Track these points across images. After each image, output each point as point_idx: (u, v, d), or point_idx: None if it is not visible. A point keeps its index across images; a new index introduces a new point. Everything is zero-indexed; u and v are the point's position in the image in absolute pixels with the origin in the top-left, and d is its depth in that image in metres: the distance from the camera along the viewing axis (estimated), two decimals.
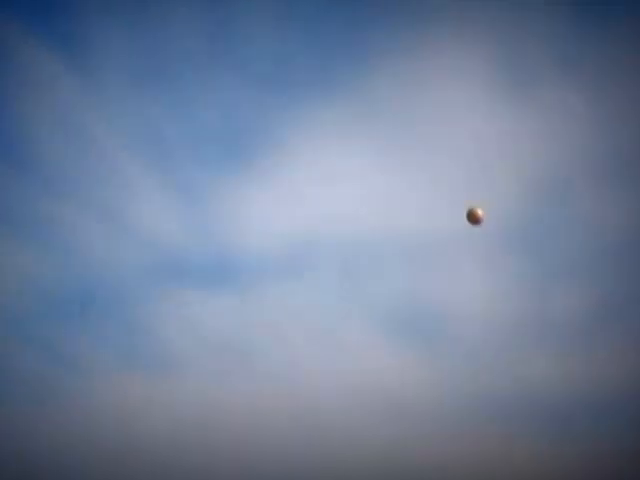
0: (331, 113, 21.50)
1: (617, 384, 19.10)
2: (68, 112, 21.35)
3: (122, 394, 19.59)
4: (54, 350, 19.79)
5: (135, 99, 21.70)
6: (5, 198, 20.70)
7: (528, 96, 21.61)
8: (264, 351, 20.19)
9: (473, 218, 15.77)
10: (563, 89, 21.55)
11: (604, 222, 20.86)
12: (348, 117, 21.62)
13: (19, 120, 21.13)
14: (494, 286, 20.60)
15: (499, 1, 21.43)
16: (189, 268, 21.07)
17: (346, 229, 21.06)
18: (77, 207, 21.07)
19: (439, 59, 21.52)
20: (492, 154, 21.43)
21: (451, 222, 19.30)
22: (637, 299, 20.15)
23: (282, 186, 21.58)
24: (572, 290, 20.40)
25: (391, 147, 21.75)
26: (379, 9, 21.62)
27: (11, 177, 20.92)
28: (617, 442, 18.64)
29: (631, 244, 20.48)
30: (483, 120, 21.45)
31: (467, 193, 19.97)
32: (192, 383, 19.76)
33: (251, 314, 20.57)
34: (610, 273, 20.39)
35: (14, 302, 20.05)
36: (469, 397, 19.35)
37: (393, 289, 20.81)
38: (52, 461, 18.53)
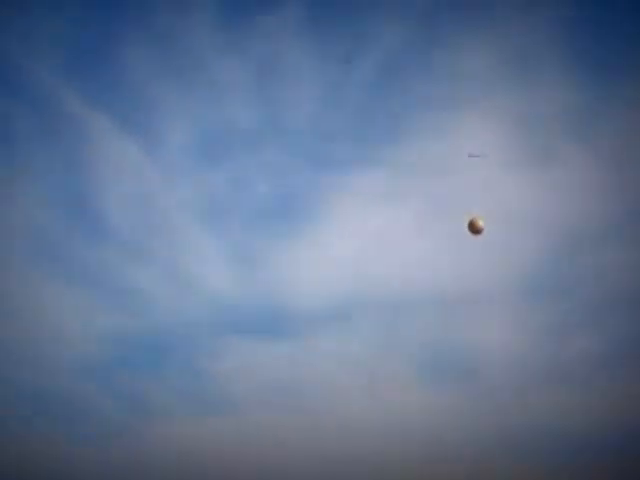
0: (373, 185, 23.17)
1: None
2: (138, 184, 23.48)
3: (187, 433, 20.79)
4: (126, 394, 21.22)
5: (199, 173, 23.62)
6: (90, 263, 22.56)
7: (546, 166, 23.16)
8: (313, 392, 21.38)
9: (474, 228, 17.15)
10: (580, 160, 23.18)
11: (618, 273, 22.02)
12: (388, 189, 23.22)
13: (99, 194, 23.35)
14: (520, 332, 21.62)
15: (519, 86, 23.50)
16: (246, 321, 22.25)
17: (386, 285, 22.23)
18: (150, 269, 22.77)
19: (466, 139, 22.14)
20: (518, 216, 22.48)
21: (481, 277, 21.77)
22: None
23: (329, 249, 22.94)
24: (591, 333, 21.44)
25: (426, 215, 23.20)
26: (410, 100, 23.73)
27: (94, 244, 22.91)
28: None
29: None
30: (509, 188, 22.49)
31: (496, 252, 21.74)
32: (248, 422, 20.96)
33: (301, 360, 21.71)
34: (626, 318, 21.32)
35: (95, 351, 21.66)
36: (498, 432, 20.26)
37: (429, 337, 21.84)
38: None
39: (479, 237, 17.44)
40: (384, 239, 22.97)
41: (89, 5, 23.66)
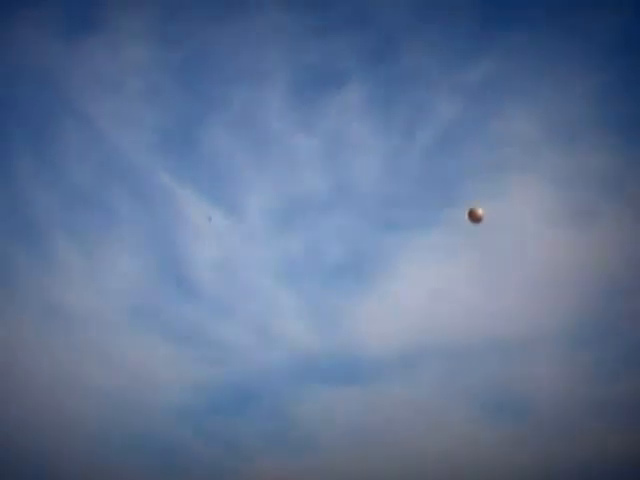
0: (434, 243, 24.85)
1: None
2: (223, 249, 25.44)
3: (274, 472, 22.14)
4: (217, 438, 22.74)
5: (277, 237, 25.60)
6: (182, 319, 24.40)
7: (588, 221, 24.77)
8: (383, 432, 22.61)
9: (474, 217, 17.78)
10: (618, 216, 24.60)
11: None
12: (447, 247, 24.74)
13: (188, 258, 25.40)
14: (569, 372, 22.73)
15: (563, 149, 25.38)
16: (323, 369, 23.72)
17: (448, 333, 23.59)
18: (236, 324, 24.48)
19: (516, 200, 25.01)
20: (564, 267, 24.05)
21: (533, 323, 23.36)
22: None
23: (395, 302, 24.48)
24: (636, 374, 22.28)
25: (482, 268, 24.76)
26: (465, 165, 25.60)
27: (185, 302, 24.77)
28: None
29: None
30: (555, 241, 24.41)
31: (545, 300, 23.60)
32: (326, 461, 22.22)
33: (373, 404, 22.98)
34: None
35: (188, 399, 23.28)
36: (550, 464, 21.38)
37: (488, 379, 23.05)
38: None
39: (479, 224, 18.12)
40: (445, 291, 24.52)
41: (174, 92, 26.15)
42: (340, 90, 26.17)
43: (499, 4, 26.21)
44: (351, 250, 25.56)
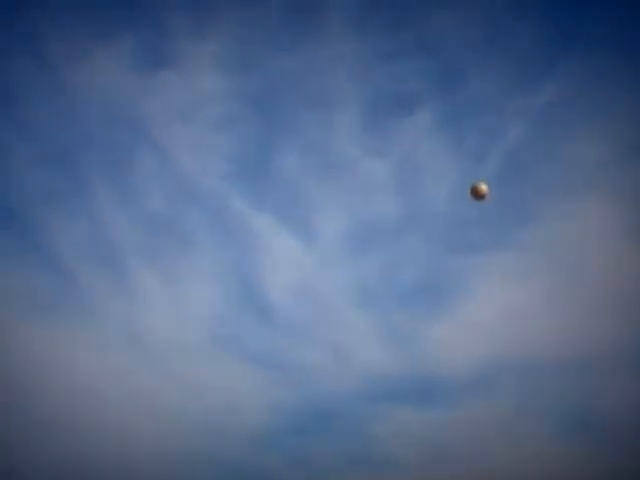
0: (505, 264, 25.21)
1: None
2: (299, 273, 25.94)
3: None
4: (299, 459, 23.10)
5: (351, 261, 26.00)
6: (261, 344, 24.89)
7: None
8: (461, 452, 22.89)
9: (477, 193, 17.00)
10: None
11: None
12: (519, 267, 25.21)
13: (266, 283, 25.89)
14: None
15: (631, 170, 25.48)
16: (400, 389, 24.02)
17: (522, 352, 23.83)
18: (314, 347, 24.84)
19: (585, 220, 25.45)
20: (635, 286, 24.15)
21: (609, 340, 23.61)
22: None
23: (469, 322, 24.73)
24: None
25: (554, 287, 25.00)
26: (534, 187, 25.98)
27: (264, 327, 25.25)
28: None
29: None
30: (631, 261, 24.59)
31: (622, 317, 23.80)
32: None
33: (448, 422, 23.31)
34: None
35: (269, 421, 23.69)
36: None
37: (564, 398, 23.27)
38: None
39: (482, 201, 17.41)
40: (519, 311, 24.68)
41: (248, 120, 26.71)
42: (410, 114, 26.66)
43: (564, 28, 26.46)
44: (425, 272, 25.93)
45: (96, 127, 25.93)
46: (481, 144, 26.61)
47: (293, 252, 26.00)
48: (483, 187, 17.27)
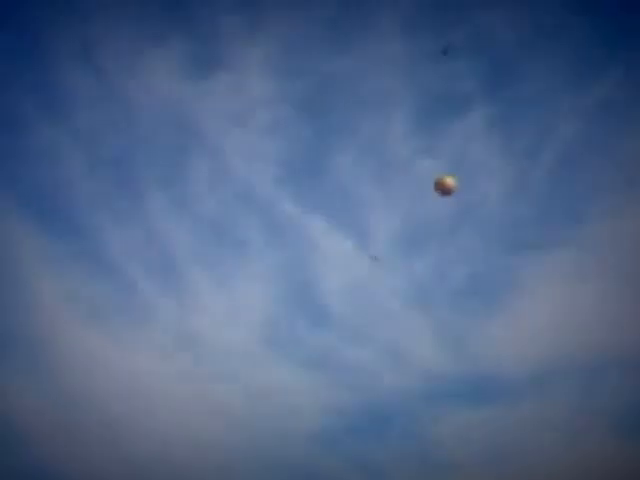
0: (560, 262, 25.17)
1: None
2: (353, 274, 25.72)
3: None
4: (356, 459, 23.36)
5: (404, 261, 26.07)
6: (317, 345, 25.11)
7: None
8: (518, 451, 23.02)
9: (442, 187, 16.15)
10: None
11: None
12: (574, 265, 25.25)
13: (319, 285, 26.05)
14: None
15: None
16: (455, 389, 24.16)
17: (579, 350, 23.91)
18: (369, 348, 24.95)
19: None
20: None
21: None
22: None
23: (524, 321, 24.76)
24: None
25: (610, 284, 24.89)
26: (588, 184, 25.94)
27: (319, 329, 25.44)
28: None
29: None
30: None
31: None
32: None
33: (504, 421, 23.48)
34: None
35: (326, 422, 23.87)
36: None
37: (620, 397, 23.37)
38: None
39: (449, 196, 16.42)
40: (574, 309, 24.67)
41: (299, 124, 26.82)
42: (462, 113, 26.60)
43: (617, 23, 26.19)
44: (478, 271, 25.94)
45: (150, 132, 26.27)
46: (534, 141, 26.54)
47: (346, 253, 25.93)
48: (449, 181, 16.55)
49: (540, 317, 24.92)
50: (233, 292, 25.94)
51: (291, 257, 26.22)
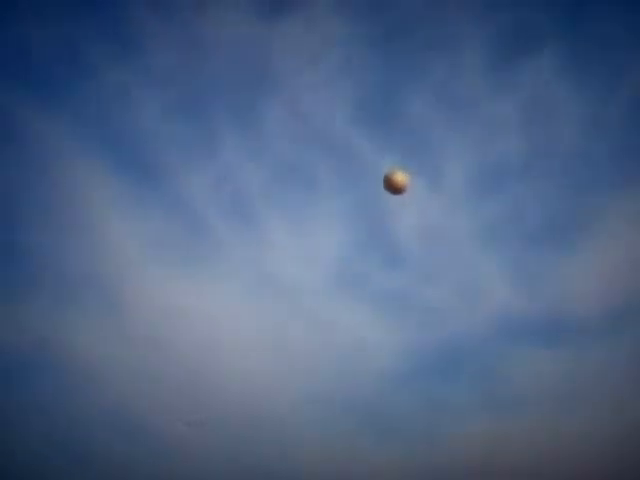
0: (634, 202, 24.99)
1: None
2: (425, 216, 25.85)
3: (481, 433, 22.82)
4: (427, 400, 23.64)
5: (478, 203, 26.08)
6: (388, 286, 25.21)
7: None
8: (588, 393, 23.17)
9: (392, 186, 13.84)
10: None
11: None
12: None
13: (392, 226, 26.08)
14: None
15: None
16: (528, 330, 24.25)
17: None
18: (441, 289, 25.26)
19: None
20: None
21: None
22: None
23: (598, 264, 24.71)
24: None
25: None
26: None
27: (390, 270, 25.59)
28: None
29: None
30: None
31: None
32: (533, 422, 22.82)
33: (577, 363, 23.39)
34: None
35: (397, 363, 24.09)
36: None
37: None
38: None
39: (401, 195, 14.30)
40: None
41: (372, 63, 26.62)
42: (536, 52, 26.23)
43: None
44: (553, 210, 25.78)
45: (223, 72, 26.16)
46: (610, 80, 26.14)
47: (419, 194, 24.94)
48: (400, 177, 14.37)
49: (616, 257, 24.79)
50: (306, 232, 26.10)
51: (364, 197, 26.12)
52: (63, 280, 23.99)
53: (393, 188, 14.29)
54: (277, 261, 25.50)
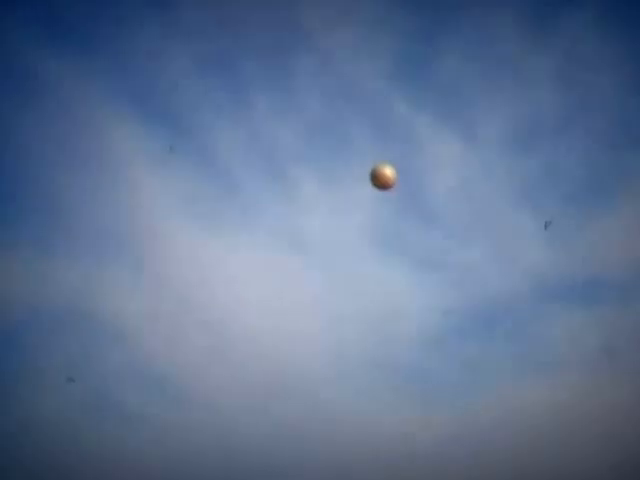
0: None
1: None
2: (460, 174, 25.67)
3: (518, 394, 22.71)
4: (462, 359, 23.53)
5: (512, 160, 25.58)
6: (423, 246, 25.16)
7: None
8: (631, 352, 22.90)
9: (380, 182, 13.68)
10: None
11: None
12: None
13: (426, 184, 25.92)
14: None
15: None
16: (562, 289, 24.08)
17: None
18: (475, 249, 25.03)
19: None
20: None
21: None
22: None
23: (636, 220, 24.28)
24: None
25: None
26: None
27: (425, 229, 25.50)
28: None
29: None
30: None
31: None
32: (569, 383, 22.67)
33: (614, 323, 23.25)
34: None
35: (433, 323, 23.93)
36: None
37: None
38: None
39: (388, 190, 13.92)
40: None
41: (406, 19, 26.05)
42: (573, 6, 25.69)
43: None
44: (589, 169, 25.41)
45: (255, 30, 25.81)
46: None
47: (454, 152, 25.60)
48: (388, 172, 13.94)
49: None
50: (340, 192, 25.72)
51: (398, 156, 24.96)
52: (94, 235, 24.06)
53: (380, 183, 14.04)
54: (310, 221, 25.30)
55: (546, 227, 20.13)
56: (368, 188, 24.70)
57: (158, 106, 25.43)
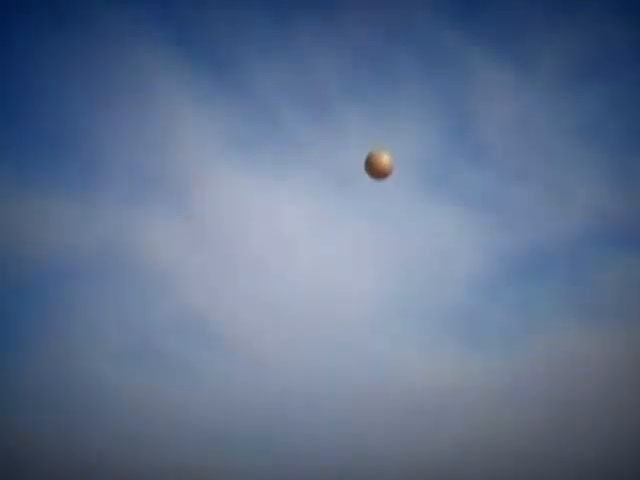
0: None
1: None
2: (515, 109, 24.26)
3: (564, 340, 22.18)
4: (513, 306, 22.72)
5: (572, 94, 24.17)
6: (473, 185, 23.99)
7: None
8: None
9: (375, 170, 12.04)
10: None
11: None
12: None
13: (478, 120, 24.39)
14: None
15: None
16: (623, 232, 23.04)
17: None
18: (529, 188, 23.83)
19: None
20: None
21: None
22: None
23: None
24: None
25: None
26: None
27: (476, 167, 24.19)
28: None
29: None
30: None
31: None
32: (621, 331, 22.01)
33: None
34: None
35: (485, 267, 23.14)
36: None
37: None
38: None
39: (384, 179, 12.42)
40: None
41: None
42: None
43: None
44: (619, 111, 24.05)
45: None
46: None
47: (509, 86, 24.26)
48: (384, 159, 12.27)
49: None
50: (386, 127, 24.50)
51: (449, 90, 24.53)
52: (132, 179, 23.30)
53: (376, 172, 12.23)
54: (356, 157, 24.07)
55: None
56: (417, 126, 24.18)
57: (198, 44, 24.40)
